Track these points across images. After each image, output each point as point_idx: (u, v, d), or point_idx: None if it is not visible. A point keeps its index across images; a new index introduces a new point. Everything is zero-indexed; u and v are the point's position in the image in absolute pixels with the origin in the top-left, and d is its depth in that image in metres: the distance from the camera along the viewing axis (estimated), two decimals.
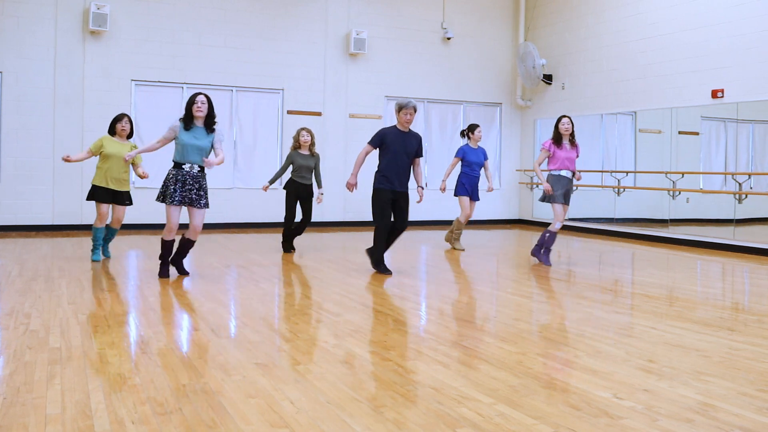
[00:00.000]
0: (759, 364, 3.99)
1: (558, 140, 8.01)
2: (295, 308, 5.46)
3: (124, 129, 7.72)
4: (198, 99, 6.45)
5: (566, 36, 13.02)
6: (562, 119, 8.07)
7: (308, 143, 8.76)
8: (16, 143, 10.72)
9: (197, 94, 6.50)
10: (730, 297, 6.76)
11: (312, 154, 8.81)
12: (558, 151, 7.99)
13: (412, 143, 7.17)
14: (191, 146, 6.40)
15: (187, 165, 6.43)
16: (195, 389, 3.36)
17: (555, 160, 7.99)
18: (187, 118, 6.48)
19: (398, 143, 7.08)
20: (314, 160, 8.79)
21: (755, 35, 9.62)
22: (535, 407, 3.18)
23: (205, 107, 6.45)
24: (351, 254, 8.91)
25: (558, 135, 8.02)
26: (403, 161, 7.11)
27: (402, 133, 7.16)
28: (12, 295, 5.71)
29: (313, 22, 12.53)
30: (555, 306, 5.78)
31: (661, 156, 11.57)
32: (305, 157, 8.76)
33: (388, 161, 7.09)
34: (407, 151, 7.12)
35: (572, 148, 8.05)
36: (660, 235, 11.13)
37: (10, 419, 2.92)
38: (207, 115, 6.48)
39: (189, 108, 6.47)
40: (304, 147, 8.78)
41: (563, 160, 7.95)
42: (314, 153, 8.84)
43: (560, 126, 8.02)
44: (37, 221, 10.86)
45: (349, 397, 3.28)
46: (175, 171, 6.44)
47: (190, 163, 6.43)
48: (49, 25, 10.82)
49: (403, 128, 7.17)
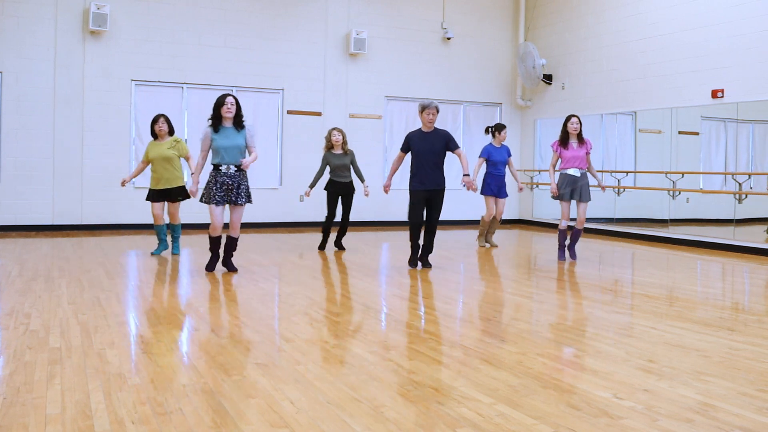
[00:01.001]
0: (759, 364, 3.99)
1: (564, 140, 8.19)
2: (295, 308, 5.46)
3: (161, 129, 8.10)
4: (227, 100, 6.66)
5: (566, 36, 13.02)
6: (571, 119, 8.25)
7: (340, 142, 8.90)
8: (16, 143, 10.72)
9: (226, 96, 6.72)
10: (730, 297, 6.76)
11: (345, 153, 8.94)
12: (564, 151, 8.18)
13: (438, 141, 7.36)
14: (226, 148, 6.63)
15: (224, 166, 6.68)
16: (195, 389, 3.36)
17: (563, 160, 8.21)
18: (215, 120, 6.67)
19: (423, 144, 7.34)
20: (349, 158, 8.94)
21: (755, 35, 9.62)
22: (535, 407, 3.18)
23: (234, 108, 6.68)
24: (351, 254, 8.91)
25: (565, 135, 8.21)
26: (431, 160, 7.32)
27: (426, 133, 7.41)
28: (12, 295, 5.71)
29: (313, 22, 12.53)
30: (555, 306, 5.78)
31: (661, 156, 11.57)
32: (339, 156, 8.90)
33: (416, 163, 7.36)
34: (434, 150, 7.33)
35: (580, 146, 8.20)
36: (660, 235, 11.12)
37: (10, 419, 2.92)
38: (235, 114, 6.70)
39: (217, 110, 6.66)
40: (337, 146, 8.93)
41: (570, 159, 8.14)
42: (347, 151, 8.97)
43: (569, 125, 8.19)
44: (37, 221, 10.86)
45: (349, 397, 3.28)
46: (214, 173, 6.73)
47: (226, 164, 6.67)
48: (49, 25, 10.82)
49: (427, 128, 7.41)
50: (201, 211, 9.92)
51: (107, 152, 11.25)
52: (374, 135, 13.01)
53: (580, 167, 8.16)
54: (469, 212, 13.13)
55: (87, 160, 11.14)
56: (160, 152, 7.98)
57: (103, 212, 11.22)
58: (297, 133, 12.51)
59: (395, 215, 12.82)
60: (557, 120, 13.52)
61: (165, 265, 7.63)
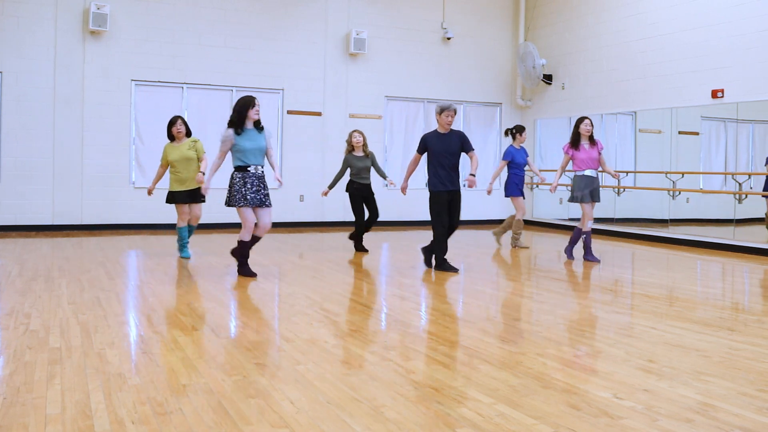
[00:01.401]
0: (759, 364, 3.99)
1: (575, 142, 8.26)
2: (295, 308, 5.46)
3: (179, 131, 8.05)
4: (257, 102, 6.71)
5: (566, 36, 13.02)
6: (584, 120, 8.35)
7: (361, 144, 8.98)
8: (16, 143, 10.72)
9: (253, 97, 6.73)
10: (730, 297, 6.76)
11: (366, 155, 9.02)
12: (577, 153, 8.25)
13: (454, 142, 7.45)
14: (252, 150, 6.65)
15: (252, 167, 6.68)
16: (195, 389, 3.36)
17: (576, 162, 8.27)
18: (239, 123, 6.64)
19: (439, 145, 7.42)
20: (370, 160, 9.02)
21: (755, 35, 9.62)
22: (535, 407, 3.18)
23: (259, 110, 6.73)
24: (351, 254, 8.91)
25: (576, 136, 8.28)
26: (448, 161, 7.42)
27: (442, 134, 7.47)
28: (12, 295, 5.71)
29: (313, 22, 12.53)
30: (555, 306, 5.78)
31: (661, 156, 11.57)
32: (360, 158, 8.97)
33: (434, 164, 7.44)
34: (450, 151, 7.42)
35: (592, 147, 8.28)
36: (660, 235, 11.12)
37: (10, 419, 2.92)
38: None
39: (243, 112, 6.63)
40: (358, 148, 9.00)
41: (584, 161, 8.22)
42: (368, 153, 9.05)
43: (581, 127, 8.28)
44: (37, 221, 10.86)
45: (349, 397, 3.28)
46: (240, 174, 6.66)
47: (254, 165, 6.68)
48: (49, 25, 10.82)
49: (444, 130, 7.48)
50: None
51: (107, 152, 11.25)
52: (374, 135, 12.99)
53: (594, 168, 8.27)
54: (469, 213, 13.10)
55: (87, 160, 11.14)
56: (181, 153, 7.93)
57: (103, 212, 11.22)
58: (297, 133, 12.51)
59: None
60: (557, 120, 13.54)
61: (165, 265, 7.63)
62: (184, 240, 8.16)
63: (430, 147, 7.46)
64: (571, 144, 8.29)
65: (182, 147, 7.99)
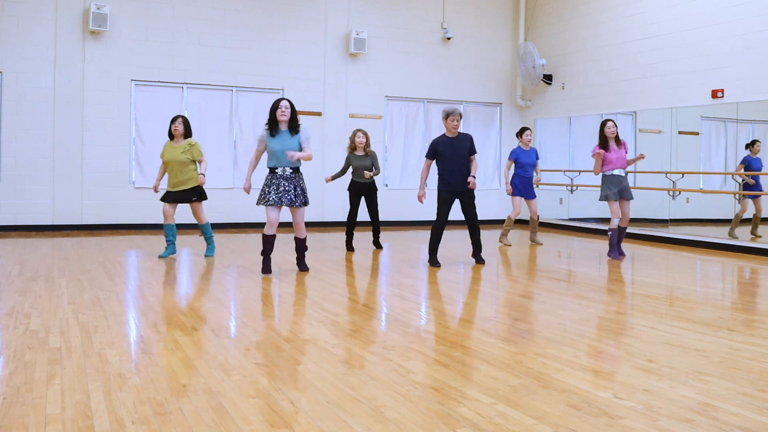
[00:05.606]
0: (759, 364, 3.99)
1: (605, 144, 8.53)
2: (295, 308, 5.45)
3: (177, 129, 8.06)
4: (282, 104, 6.82)
5: (566, 36, 13.02)
6: (607, 123, 8.62)
7: (363, 144, 9.08)
8: (16, 143, 10.72)
9: (280, 100, 6.88)
10: (730, 297, 6.76)
11: (367, 154, 9.11)
12: (607, 154, 8.52)
13: (464, 144, 7.71)
14: (278, 151, 6.79)
15: (279, 169, 6.85)
16: (195, 389, 3.36)
17: (607, 162, 8.53)
18: (271, 124, 6.81)
19: (451, 149, 7.68)
20: (371, 160, 9.10)
21: (755, 35, 9.62)
22: (535, 407, 3.18)
23: (288, 111, 6.82)
24: (351, 254, 8.91)
25: (604, 139, 8.54)
26: (459, 163, 7.69)
27: (452, 138, 7.73)
28: (12, 295, 5.71)
29: (313, 22, 12.53)
30: (555, 306, 5.78)
31: (661, 156, 11.57)
32: (361, 158, 9.07)
33: (445, 167, 7.71)
34: (461, 153, 7.69)
35: (619, 147, 8.59)
36: (660, 235, 11.12)
37: (10, 419, 2.92)
38: (290, 118, 6.83)
39: (273, 113, 6.81)
40: (359, 148, 9.10)
41: (615, 161, 8.51)
42: (369, 153, 9.14)
43: (606, 130, 8.56)
44: (37, 221, 10.86)
45: (349, 397, 3.28)
46: (270, 175, 6.90)
47: (282, 167, 6.83)
48: (48, 25, 10.82)
49: (452, 134, 7.75)
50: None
51: (107, 152, 11.25)
52: (374, 135, 12.96)
53: (623, 167, 8.57)
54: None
55: (87, 160, 11.14)
56: (173, 156, 7.97)
57: (103, 212, 11.22)
58: None
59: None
60: (557, 120, 13.55)
61: (165, 265, 7.63)
62: (167, 237, 8.13)
63: (441, 151, 7.69)
64: (601, 146, 8.54)
65: (177, 149, 8.00)
